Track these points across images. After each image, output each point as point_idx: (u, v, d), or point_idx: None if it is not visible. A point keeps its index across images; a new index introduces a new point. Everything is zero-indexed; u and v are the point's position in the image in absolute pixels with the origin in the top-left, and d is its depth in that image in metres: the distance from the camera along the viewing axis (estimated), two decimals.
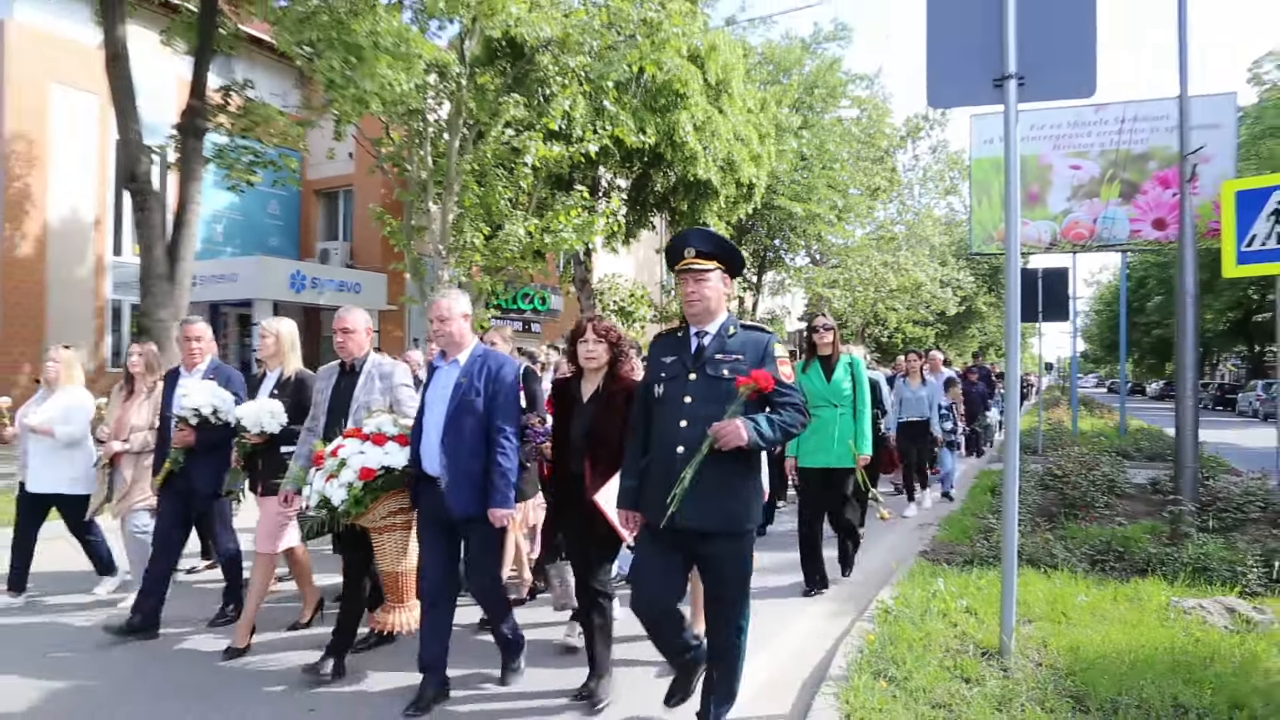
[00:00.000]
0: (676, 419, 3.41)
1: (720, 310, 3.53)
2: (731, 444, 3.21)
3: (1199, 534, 6.79)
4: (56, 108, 16.16)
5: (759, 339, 3.49)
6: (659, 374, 3.55)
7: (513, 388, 4.24)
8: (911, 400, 10.01)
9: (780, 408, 3.37)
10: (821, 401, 6.11)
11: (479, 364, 4.21)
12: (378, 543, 4.49)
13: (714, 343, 3.48)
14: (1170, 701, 3.68)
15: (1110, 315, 53.84)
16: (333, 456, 4.23)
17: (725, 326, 3.51)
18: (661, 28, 13.46)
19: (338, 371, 4.76)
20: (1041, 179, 17.42)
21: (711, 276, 3.49)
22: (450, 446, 4.06)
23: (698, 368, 3.44)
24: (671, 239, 3.58)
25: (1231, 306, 38.53)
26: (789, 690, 4.37)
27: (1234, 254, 6.71)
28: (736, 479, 3.40)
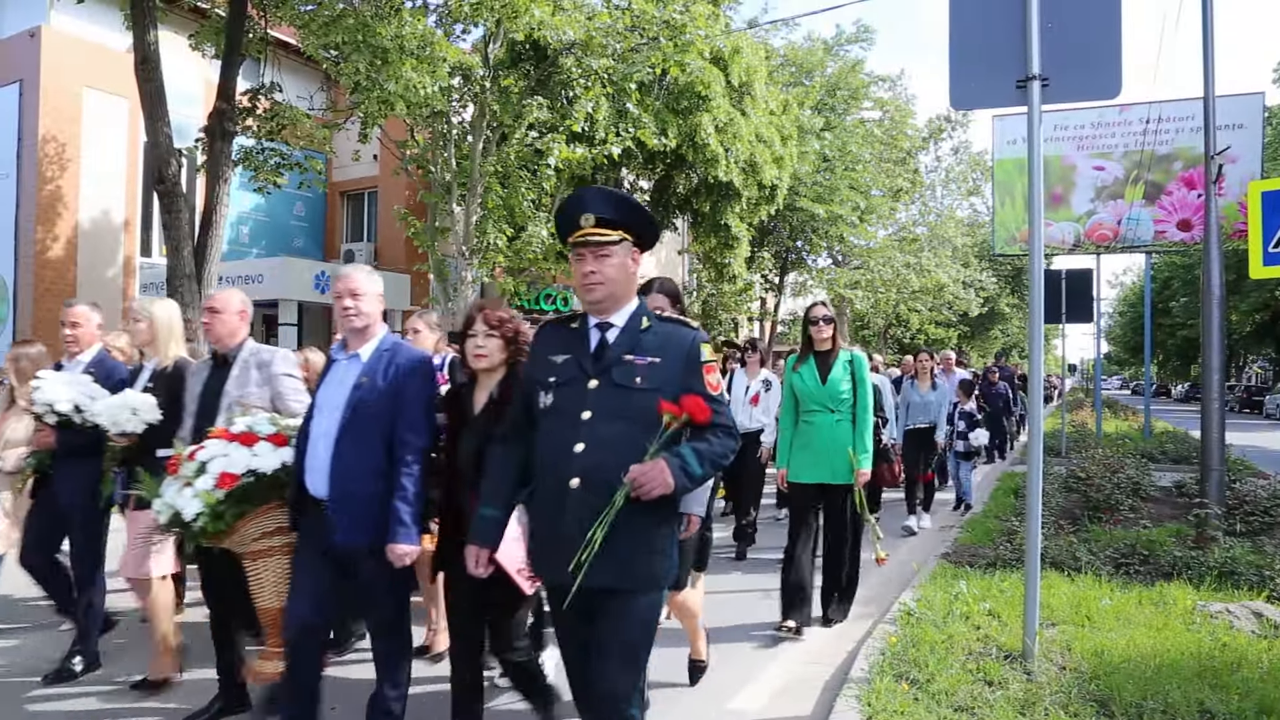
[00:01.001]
0: (570, 441, 2.57)
1: (629, 295, 2.72)
2: (656, 494, 2.46)
3: (1225, 537, 6.74)
4: (88, 111, 16.37)
5: (681, 337, 2.68)
6: (546, 377, 2.69)
7: (424, 389, 3.45)
8: (919, 405, 9.29)
9: (710, 433, 2.60)
10: (816, 406, 5.33)
11: (385, 360, 3.42)
12: (252, 571, 3.63)
13: (622, 339, 2.66)
14: (1196, 707, 3.67)
15: (1135, 317, 53.33)
16: (190, 460, 3.47)
17: (636, 318, 2.69)
18: (685, 30, 13.48)
19: (211, 363, 4.04)
20: (1065, 180, 17.29)
21: (616, 251, 2.65)
22: (341, 462, 3.27)
23: (600, 372, 2.61)
24: (562, 203, 2.76)
25: (1258, 308, 38.03)
26: (811, 691, 4.39)
27: (1260, 255, 6.63)
28: (653, 528, 2.62)
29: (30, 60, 15.67)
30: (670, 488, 2.48)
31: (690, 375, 2.62)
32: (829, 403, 5.33)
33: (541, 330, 2.89)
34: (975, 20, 4.48)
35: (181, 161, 10.81)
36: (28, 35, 15.75)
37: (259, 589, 3.62)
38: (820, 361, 5.41)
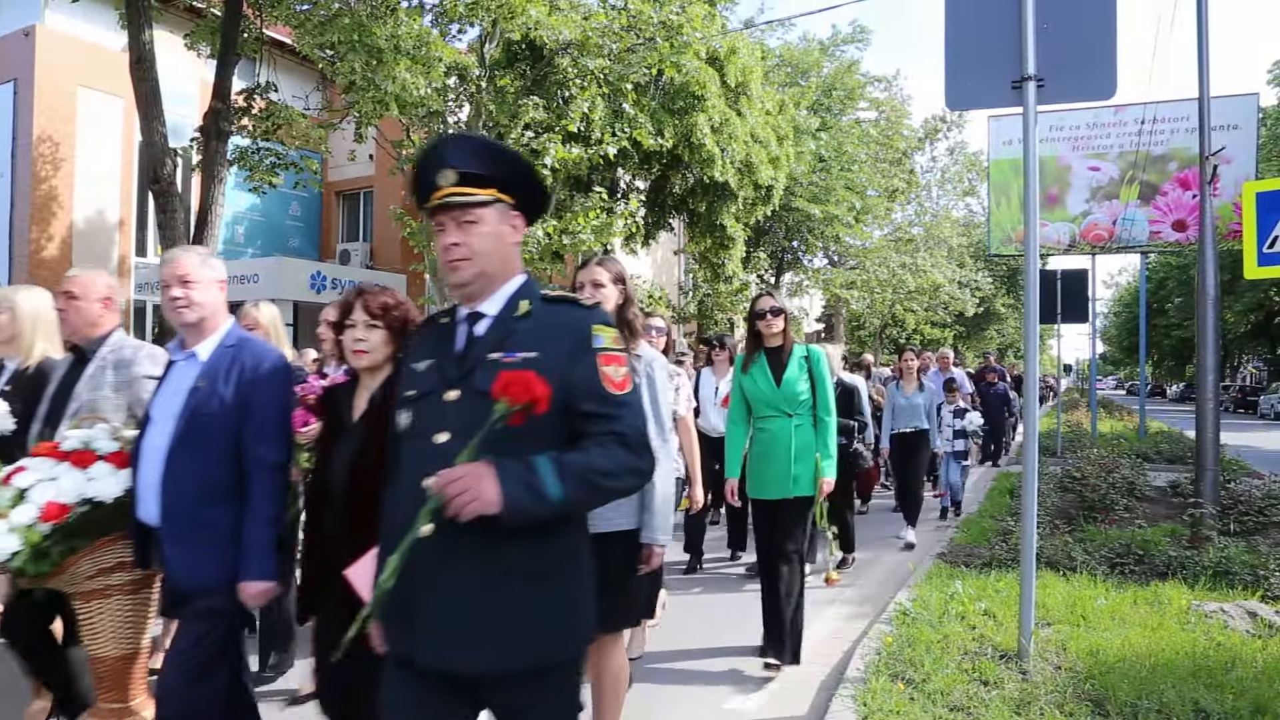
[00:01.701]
0: (419, 470, 1.86)
1: (507, 274, 2.05)
2: (473, 511, 1.73)
3: (1220, 537, 6.76)
4: (83, 111, 16.34)
5: (574, 320, 2.01)
6: (404, 390, 2.08)
7: (278, 392, 2.88)
8: (905, 408, 8.55)
9: (594, 441, 1.90)
10: (771, 411, 4.69)
11: (229, 359, 2.84)
12: (85, 615, 3.00)
13: (491, 333, 2.00)
14: (1191, 706, 3.67)
15: (1130, 317, 53.43)
16: (4, 485, 2.82)
17: (513, 303, 2.03)
18: (681, 30, 13.49)
19: (71, 360, 3.41)
20: (1060, 180, 17.33)
21: (486, 216, 2.00)
22: (173, 483, 2.72)
23: (461, 379, 1.94)
24: (420, 157, 2.09)
25: (1253, 308, 38.14)
26: (807, 691, 4.39)
27: (1255, 255, 6.66)
28: (525, 574, 1.88)
29: (25, 59, 15.65)
30: (494, 504, 1.73)
31: (577, 367, 1.93)
32: (785, 406, 4.66)
33: (418, 331, 2.36)
34: (971, 21, 4.49)
35: (177, 161, 10.80)
36: (22, 34, 15.72)
37: (94, 636, 3.00)
38: (772, 360, 4.72)
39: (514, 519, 1.77)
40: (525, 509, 1.78)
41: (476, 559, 1.86)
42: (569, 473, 1.83)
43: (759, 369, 4.75)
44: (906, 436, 8.57)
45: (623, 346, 2.04)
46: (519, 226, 2.09)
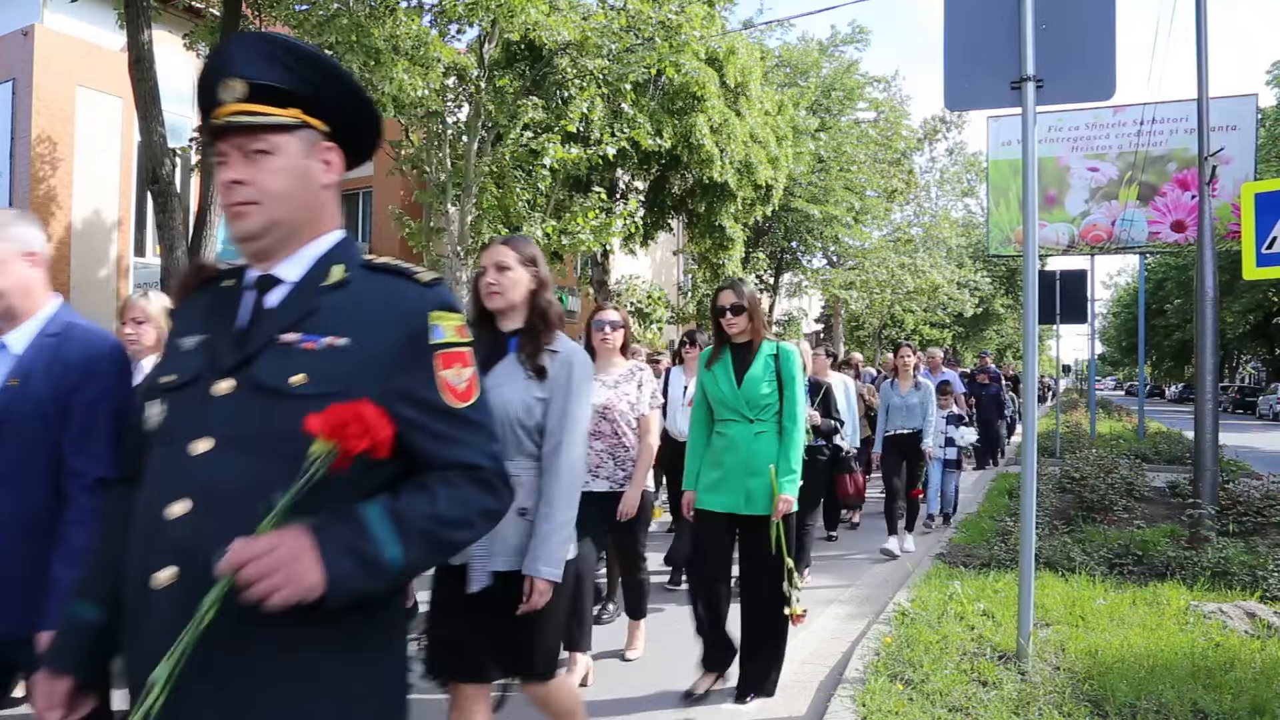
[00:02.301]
0: (166, 494, 1.38)
1: (317, 226, 1.54)
2: (282, 598, 1.27)
3: (1219, 538, 6.75)
4: (82, 110, 16.32)
5: (404, 301, 1.50)
6: (159, 375, 1.53)
7: (108, 394, 2.25)
8: (900, 408, 8.13)
9: (438, 478, 1.46)
10: (730, 414, 4.18)
11: (49, 352, 2.24)
12: None
13: (288, 304, 1.48)
14: (1190, 706, 3.67)
15: (1129, 317, 53.46)
16: None
17: (322, 266, 1.51)
18: (680, 30, 13.50)
19: None
20: (1059, 181, 17.34)
21: (284, 147, 1.47)
22: None
23: (238, 366, 1.43)
24: (206, 63, 1.55)
25: (1251, 309, 38.19)
26: (805, 692, 4.39)
27: (1254, 256, 6.66)
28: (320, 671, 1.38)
29: (24, 59, 15.63)
30: (315, 588, 1.27)
31: (405, 369, 1.42)
32: (746, 409, 4.15)
33: (182, 291, 1.66)
34: (970, 21, 4.49)
35: (175, 161, 10.79)
36: (21, 34, 15.69)
37: None
38: (737, 357, 4.23)
39: (341, 600, 1.30)
40: (356, 586, 1.31)
41: (266, 642, 1.33)
42: (411, 529, 1.37)
43: (722, 367, 4.24)
44: (902, 438, 8.11)
45: (468, 340, 1.53)
46: (334, 165, 1.55)
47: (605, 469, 4.36)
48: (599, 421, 4.27)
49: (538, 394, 2.66)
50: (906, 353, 8.47)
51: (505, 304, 2.76)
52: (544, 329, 2.75)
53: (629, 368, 4.54)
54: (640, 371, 4.55)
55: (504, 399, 2.60)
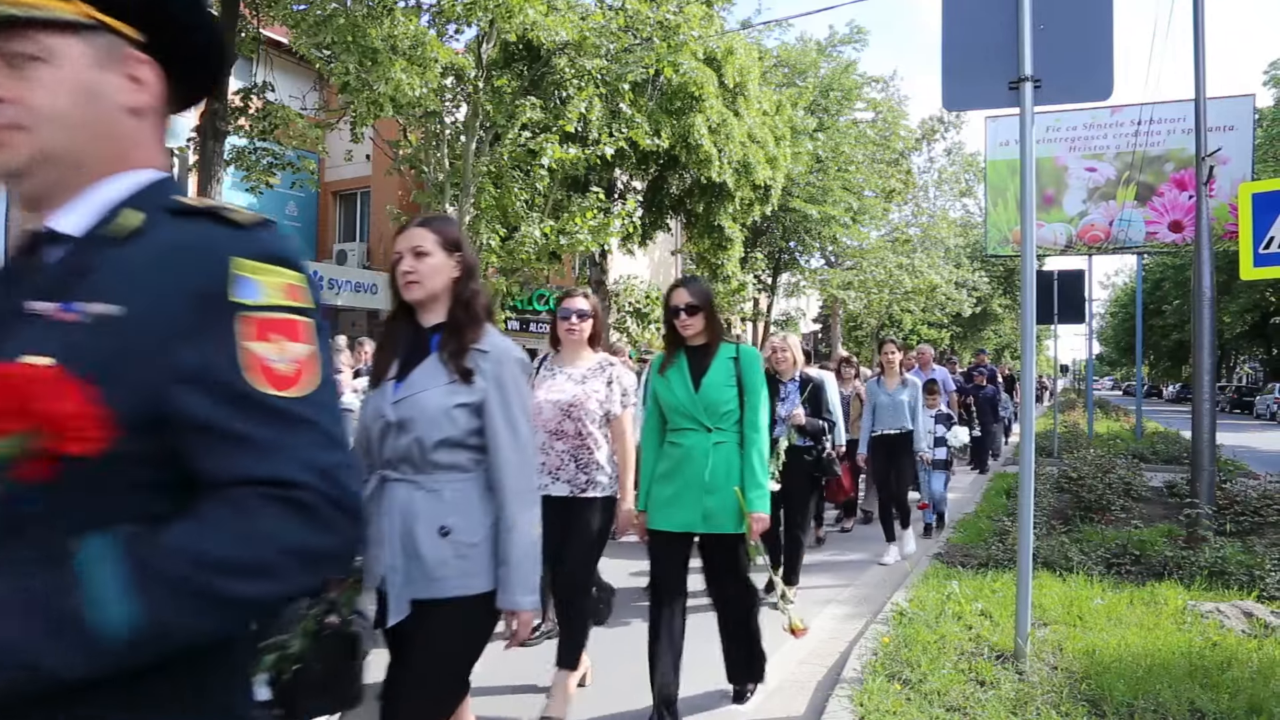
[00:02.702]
0: None
1: (110, 162, 1.11)
2: None
3: (1216, 537, 6.76)
4: None
5: (202, 249, 1.03)
6: None
7: None
8: (887, 406, 7.70)
9: (222, 499, 0.98)
10: (686, 422, 3.82)
11: None
12: None
13: (62, 264, 1.06)
14: (1187, 706, 3.68)
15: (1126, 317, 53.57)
16: None
17: (112, 215, 1.07)
18: (679, 30, 13.51)
19: None
20: (1057, 181, 17.36)
21: (61, 52, 1.06)
22: None
23: None
24: None
25: (1249, 309, 38.27)
26: (803, 691, 4.39)
27: (1251, 256, 6.67)
28: None
29: None
30: None
31: (193, 340, 1.01)
32: (704, 417, 3.79)
33: None
34: (968, 22, 4.49)
35: (173, 161, 10.77)
36: None
37: None
38: (694, 361, 3.87)
39: (32, 687, 0.89)
40: (33, 662, 0.88)
41: None
42: (158, 578, 0.92)
43: (676, 371, 3.88)
44: (890, 439, 7.68)
45: (304, 306, 1.07)
46: (146, 85, 1.14)
47: (566, 472, 3.97)
48: (562, 420, 3.95)
49: (463, 399, 2.31)
50: (890, 349, 7.91)
51: (424, 294, 2.42)
52: (468, 324, 2.39)
53: (598, 362, 4.11)
54: (611, 367, 4.11)
55: (421, 405, 2.29)
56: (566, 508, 3.92)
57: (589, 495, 3.97)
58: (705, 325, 3.86)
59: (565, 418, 3.96)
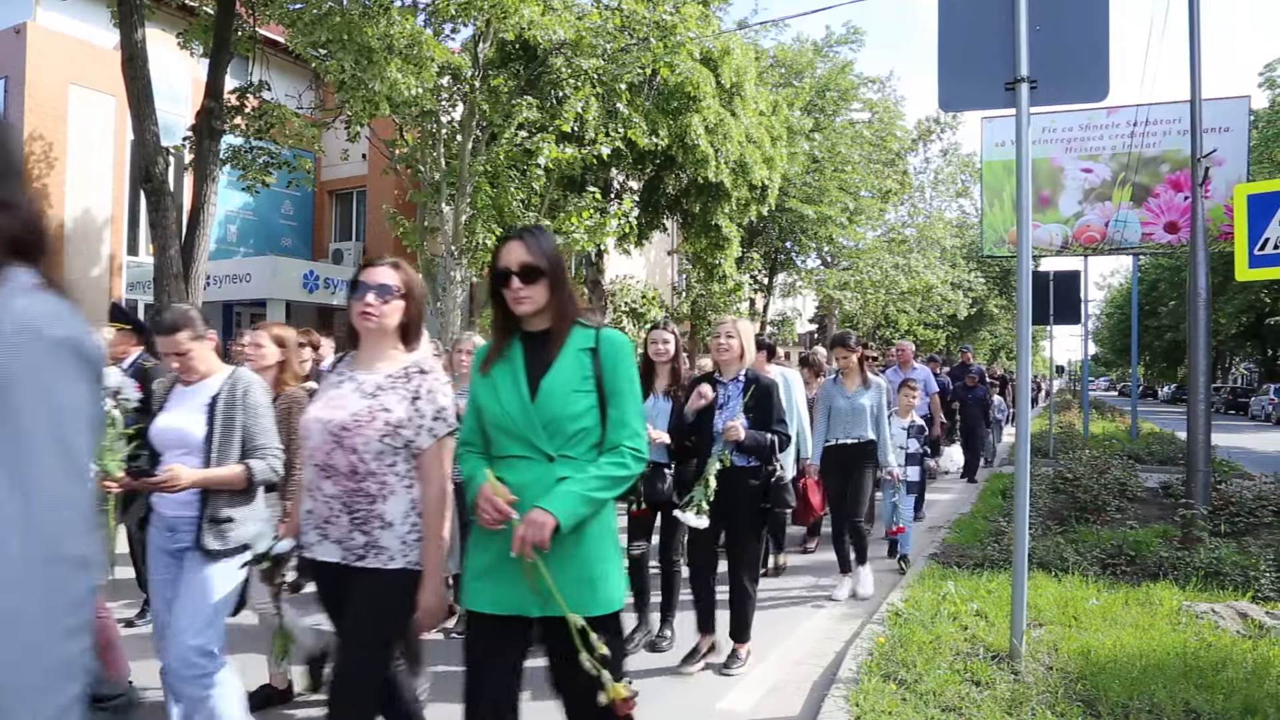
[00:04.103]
0: None
1: None
2: None
3: (1211, 538, 6.78)
4: (74, 108, 16.28)
5: None
6: None
7: None
8: (844, 411, 6.31)
9: None
10: (516, 446, 2.53)
11: None
12: None
13: None
14: (1182, 706, 3.68)
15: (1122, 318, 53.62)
16: None
17: None
18: (675, 30, 13.51)
19: None
20: (1053, 182, 17.38)
21: None
22: None
23: None
24: None
25: (1244, 310, 38.36)
26: (799, 692, 4.39)
27: (1246, 257, 6.69)
28: None
29: (16, 57, 15.57)
30: None
31: None
32: (542, 439, 2.50)
33: None
34: (964, 23, 4.49)
35: (169, 160, 10.76)
36: (13, 32, 15.64)
37: None
38: (533, 353, 2.60)
39: None
40: None
41: None
42: None
43: (505, 370, 2.58)
44: (845, 450, 6.32)
45: None
46: None
47: (337, 528, 2.67)
48: (331, 450, 2.67)
49: None
50: (843, 351, 6.50)
51: None
52: None
53: (404, 366, 2.78)
54: (422, 376, 2.77)
55: None
56: (339, 580, 2.69)
57: (368, 565, 2.65)
58: (549, 299, 2.56)
59: (336, 447, 2.66)
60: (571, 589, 2.43)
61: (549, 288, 2.57)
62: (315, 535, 2.73)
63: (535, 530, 2.36)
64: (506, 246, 2.59)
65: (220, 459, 3.22)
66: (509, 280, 2.54)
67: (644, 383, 4.80)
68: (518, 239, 2.58)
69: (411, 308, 2.84)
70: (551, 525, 2.36)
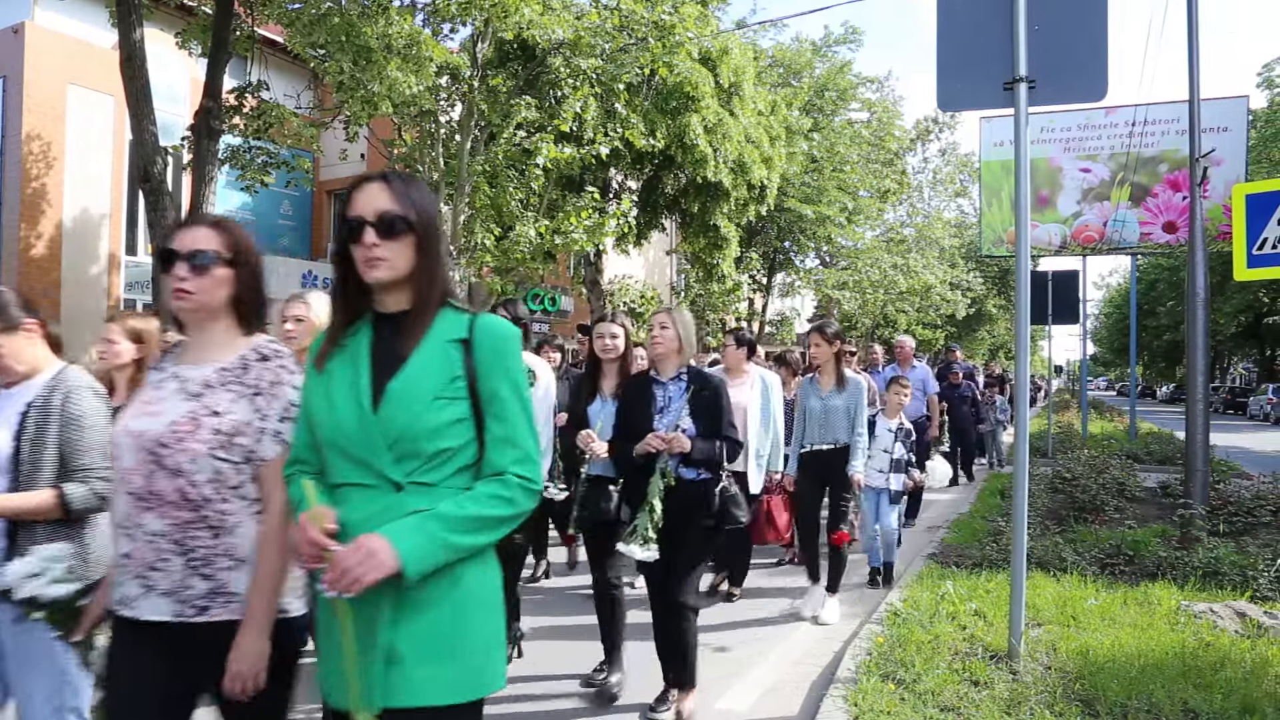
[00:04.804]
0: None
1: None
2: None
3: (1209, 538, 6.78)
4: (73, 108, 16.27)
5: None
6: None
7: None
8: (818, 414, 5.77)
9: None
10: (352, 470, 1.86)
11: None
12: None
13: None
14: (1180, 706, 3.69)
15: (1121, 318, 53.66)
16: None
17: None
18: (674, 30, 13.51)
19: None
20: (1052, 182, 17.39)
21: None
22: None
23: None
24: None
25: (1242, 310, 38.36)
26: (797, 691, 4.39)
27: (1244, 257, 6.68)
28: None
29: (14, 56, 15.56)
30: None
31: None
32: (386, 461, 1.83)
33: None
34: (963, 22, 4.50)
35: (167, 159, 10.75)
36: (11, 31, 15.64)
37: None
38: (382, 341, 1.94)
39: None
40: None
41: None
42: None
43: (344, 364, 1.93)
44: (822, 456, 5.77)
45: None
46: None
47: (167, 574, 1.99)
48: (150, 473, 1.99)
49: None
50: (816, 339, 5.88)
51: None
52: None
53: (239, 355, 2.12)
54: (263, 363, 2.11)
55: None
56: (172, 645, 2.00)
57: (215, 618, 1.99)
58: (414, 267, 1.90)
59: (156, 468, 1.99)
60: (417, 660, 1.77)
61: (415, 251, 1.90)
62: (136, 587, 1.98)
63: (362, 563, 1.67)
64: (362, 189, 1.92)
65: (29, 481, 2.61)
66: (359, 234, 1.87)
67: (590, 383, 4.45)
68: (380, 180, 1.93)
69: (244, 276, 2.16)
70: (388, 567, 1.68)
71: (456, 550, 1.78)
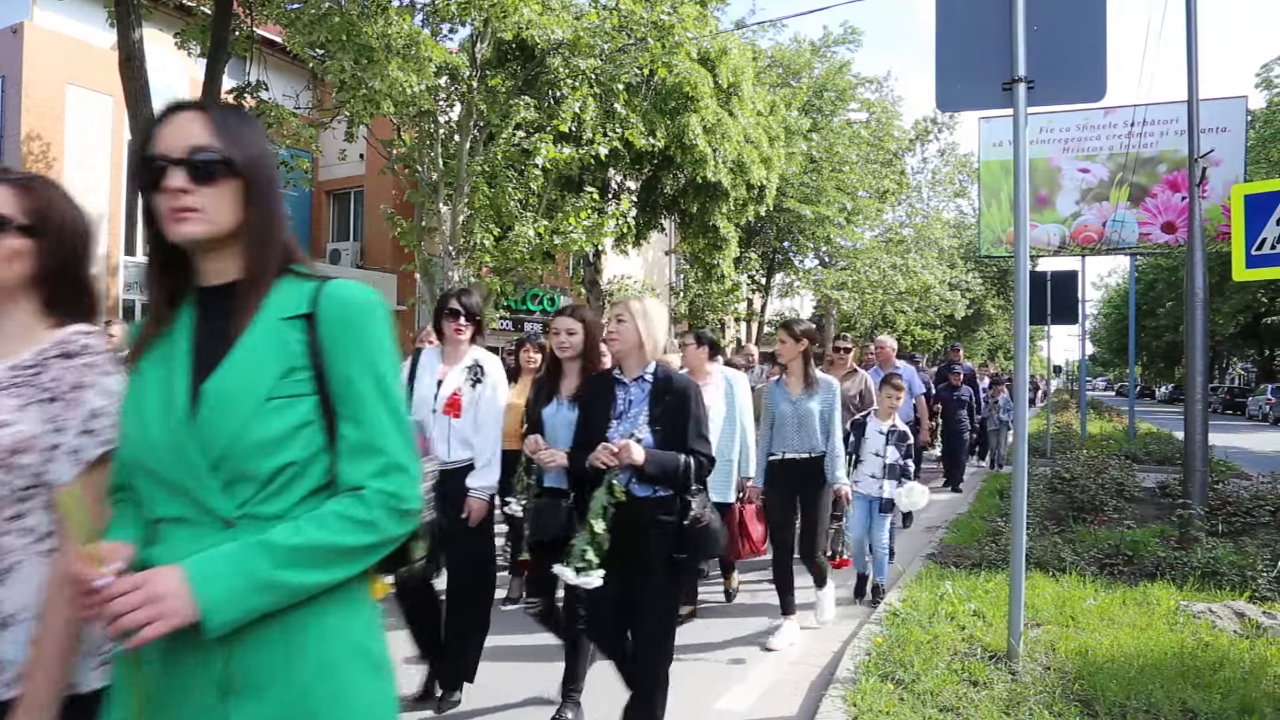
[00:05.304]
0: None
1: None
2: None
3: (1208, 538, 6.78)
4: (72, 108, 16.26)
5: None
6: None
7: None
8: (789, 419, 5.27)
9: None
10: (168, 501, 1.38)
11: None
12: None
13: None
14: (1179, 706, 3.69)
15: (1119, 318, 53.69)
16: None
17: None
18: (673, 31, 13.53)
19: None
20: (1050, 182, 17.38)
21: None
22: None
23: None
24: None
25: (1241, 310, 38.39)
26: (797, 692, 4.39)
27: (1243, 258, 6.69)
28: None
29: (13, 56, 15.55)
30: None
31: None
32: (205, 488, 1.35)
33: None
34: (962, 23, 4.49)
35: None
36: (10, 31, 15.63)
37: None
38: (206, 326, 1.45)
39: None
40: None
41: None
42: None
43: (160, 358, 1.45)
44: (794, 466, 5.28)
45: None
46: None
47: None
48: None
49: None
50: (784, 337, 5.43)
51: None
52: None
53: (38, 351, 1.60)
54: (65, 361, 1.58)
55: None
56: None
57: None
58: (241, 221, 1.47)
59: None
60: None
61: (242, 199, 1.46)
62: None
63: (143, 607, 1.23)
64: (169, 120, 1.46)
65: None
66: (163, 176, 1.42)
67: (548, 385, 3.93)
68: (194, 109, 1.48)
69: (51, 248, 1.67)
70: (180, 616, 1.24)
71: (288, 592, 1.31)
